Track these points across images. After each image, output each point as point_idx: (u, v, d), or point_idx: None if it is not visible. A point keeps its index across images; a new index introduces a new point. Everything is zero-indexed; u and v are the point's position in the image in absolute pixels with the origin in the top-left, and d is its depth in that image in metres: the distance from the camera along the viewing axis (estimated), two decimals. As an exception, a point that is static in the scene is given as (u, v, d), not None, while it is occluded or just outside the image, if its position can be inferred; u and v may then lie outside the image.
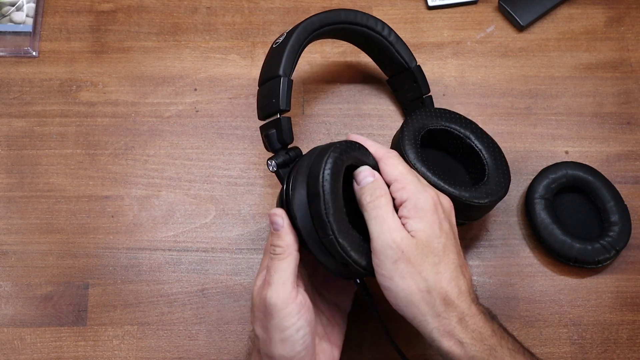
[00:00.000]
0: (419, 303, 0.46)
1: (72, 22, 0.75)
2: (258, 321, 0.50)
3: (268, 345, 0.48)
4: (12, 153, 0.70)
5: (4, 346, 0.63)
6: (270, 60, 0.56)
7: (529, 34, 0.75)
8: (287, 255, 0.48)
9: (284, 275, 0.48)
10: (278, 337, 0.47)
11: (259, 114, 0.56)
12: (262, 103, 0.55)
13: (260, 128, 0.56)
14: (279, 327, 0.47)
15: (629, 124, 0.71)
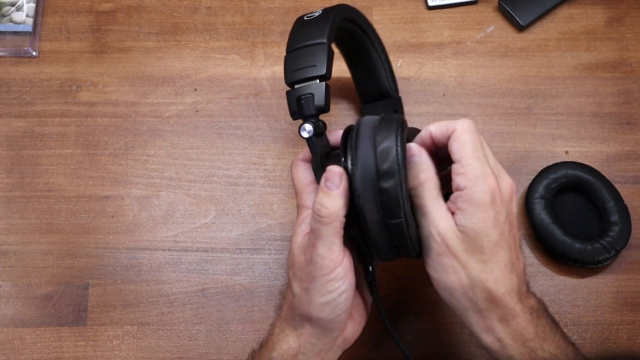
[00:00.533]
0: (460, 298, 0.45)
1: (72, 22, 0.75)
2: (297, 280, 0.47)
3: (306, 305, 0.47)
4: (12, 153, 0.70)
5: (4, 346, 0.63)
6: (308, 28, 0.51)
7: (529, 34, 0.75)
8: (333, 220, 0.44)
9: (329, 240, 0.45)
10: (320, 300, 0.46)
11: (288, 77, 0.49)
12: (297, 66, 0.49)
13: (289, 92, 0.49)
14: (321, 291, 0.45)
15: (629, 124, 0.71)
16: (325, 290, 0.45)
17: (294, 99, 0.48)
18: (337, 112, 0.71)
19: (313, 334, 0.48)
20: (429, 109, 0.71)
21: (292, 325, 0.49)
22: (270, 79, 0.72)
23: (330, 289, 0.45)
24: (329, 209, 0.44)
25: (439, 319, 0.64)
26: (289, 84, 0.49)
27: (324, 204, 0.44)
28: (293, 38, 0.51)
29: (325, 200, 0.44)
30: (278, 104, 0.71)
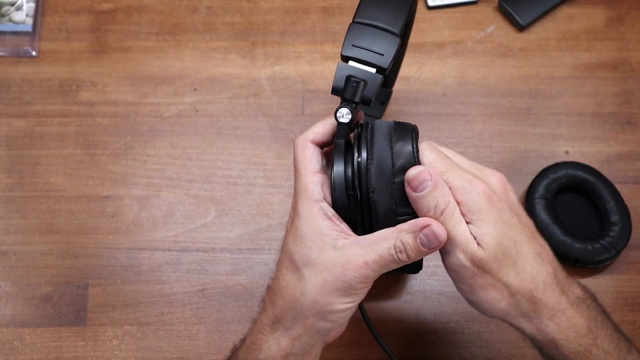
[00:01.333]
0: (506, 308, 0.44)
1: (72, 22, 0.75)
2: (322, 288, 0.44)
3: (325, 308, 0.44)
4: (12, 153, 0.69)
5: (4, 346, 0.63)
6: (385, 9, 0.48)
7: (529, 33, 0.75)
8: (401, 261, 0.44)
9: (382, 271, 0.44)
10: (344, 306, 0.44)
11: (347, 49, 0.47)
12: (361, 44, 0.47)
13: (341, 65, 0.47)
14: (352, 298, 0.44)
15: (629, 124, 0.71)
16: (354, 298, 0.44)
17: (344, 76, 0.46)
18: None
19: (310, 333, 0.45)
20: (429, 109, 0.71)
21: (285, 326, 0.46)
22: (270, 79, 0.72)
23: (359, 297, 0.45)
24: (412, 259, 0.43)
25: (439, 319, 0.64)
26: (346, 56, 0.46)
27: (411, 254, 0.43)
28: (367, 9, 0.48)
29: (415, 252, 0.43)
30: (278, 104, 0.71)
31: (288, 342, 0.45)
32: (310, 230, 0.44)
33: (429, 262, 0.65)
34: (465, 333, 0.63)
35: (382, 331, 0.63)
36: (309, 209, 0.44)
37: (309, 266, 0.44)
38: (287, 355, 0.46)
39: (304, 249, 0.44)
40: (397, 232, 0.43)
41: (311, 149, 0.46)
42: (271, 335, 0.46)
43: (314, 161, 0.46)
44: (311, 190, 0.45)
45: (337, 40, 0.74)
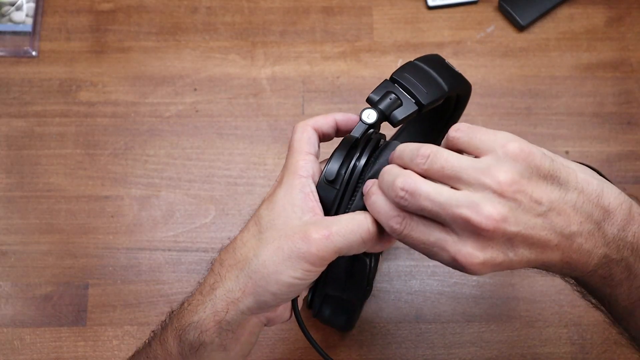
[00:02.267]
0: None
1: (72, 22, 0.75)
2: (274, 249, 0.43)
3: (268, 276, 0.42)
4: (12, 153, 0.69)
5: (4, 346, 0.62)
6: (446, 70, 0.51)
7: (529, 33, 0.75)
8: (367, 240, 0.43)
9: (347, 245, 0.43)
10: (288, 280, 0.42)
11: (399, 73, 0.48)
12: (415, 75, 0.48)
13: (387, 81, 0.48)
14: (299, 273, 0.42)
15: (630, 124, 0.71)
16: (301, 274, 0.42)
17: (385, 90, 0.48)
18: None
19: (248, 303, 0.43)
20: (429, 109, 0.71)
21: (228, 286, 0.44)
22: (270, 79, 0.72)
23: (307, 275, 0.42)
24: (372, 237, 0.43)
25: (439, 319, 0.64)
26: (394, 79, 0.48)
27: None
28: (434, 59, 0.51)
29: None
30: (278, 104, 0.71)
31: (223, 306, 0.43)
32: (285, 199, 0.44)
33: (429, 262, 0.65)
34: (465, 333, 0.63)
35: (381, 331, 0.63)
36: (292, 180, 0.45)
37: (271, 230, 0.43)
38: (220, 321, 0.43)
39: (273, 214, 0.44)
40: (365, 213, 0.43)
41: (310, 133, 0.47)
42: (209, 296, 0.44)
43: (310, 144, 0.47)
44: (301, 166, 0.45)
45: (337, 40, 0.74)
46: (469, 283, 0.65)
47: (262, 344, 0.62)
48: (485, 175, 0.38)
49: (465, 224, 0.37)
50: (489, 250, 0.38)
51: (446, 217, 0.38)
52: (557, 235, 0.39)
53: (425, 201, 0.39)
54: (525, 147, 0.39)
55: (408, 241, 0.40)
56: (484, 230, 0.37)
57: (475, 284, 0.65)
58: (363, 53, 0.73)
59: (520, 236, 0.38)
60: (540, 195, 0.38)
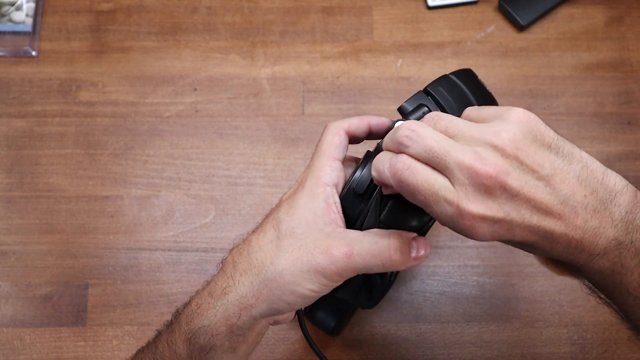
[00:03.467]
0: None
1: (72, 22, 0.75)
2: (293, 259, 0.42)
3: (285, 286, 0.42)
4: (12, 153, 0.69)
5: (4, 346, 0.62)
6: (487, 97, 0.51)
7: (529, 33, 0.75)
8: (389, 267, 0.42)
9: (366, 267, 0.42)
10: (304, 291, 0.42)
11: (434, 85, 0.48)
12: (450, 91, 0.48)
13: (421, 92, 0.47)
14: (316, 287, 0.43)
15: (630, 124, 0.71)
16: (319, 288, 0.42)
17: (418, 102, 0.47)
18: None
19: (260, 310, 0.43)
20: (429, 109, 0.71)
21: (241, 292, 0.43)
22: (270, 79, 0.72)
23: (325, 289, 0.43)
24: (401, 264, 0.42)
25: (439, 319, 0.64)
26: (428, 91, 0.47)
27: (404, 257, 0.41)
28: (467, 74, 0.50)
29: (406, 257, 0.41)
30: (278, 104, 0.71)
31: (236, 311, 0.43)
32: (306, 206, 0.43)
33: (429, 263, 0.65)
34: (465, 333, 0.63)
35: (381, 331, 0.63)
36: (315, 187, 0.44)
37: (290, 238, 0.43)
38: (232, 326, 0.43)
39: (293, 221, 0.43)
40: (391, 232, 0.42)
41: (342, 137, 0.46)
42: (220, 300, 0.43)
43: (340, 148, 0.46)
44: (327, 173, 0.44)
45: (337, 40, 0.74)
46: (469, 283, 0.65)
47: (262, 344, 0.62)
48: (488, 133, 0.38)
49: (468, 171, 0.37)
50: (489, 203, 0.37)
51: (450, 162, 0.37)
52: (560, 203, 0.38)
53: (432, 141, 0.38)
54: (531, 115, 0.39)
55: (410, 186, 0.39)
56: (487, 179, 0.36)
57: (475, 284, 0.65)
58: (363, 53, 0.73)
59: (522, 195, 0.37)
60: (543, 159, 0.38)
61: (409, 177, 0.38)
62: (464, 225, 0.37)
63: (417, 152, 0.39)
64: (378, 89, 0.72)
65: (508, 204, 0.37)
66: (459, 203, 0.37)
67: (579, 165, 0.39)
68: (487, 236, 0.38)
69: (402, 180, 0.39)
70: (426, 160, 0.38)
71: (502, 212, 0.37)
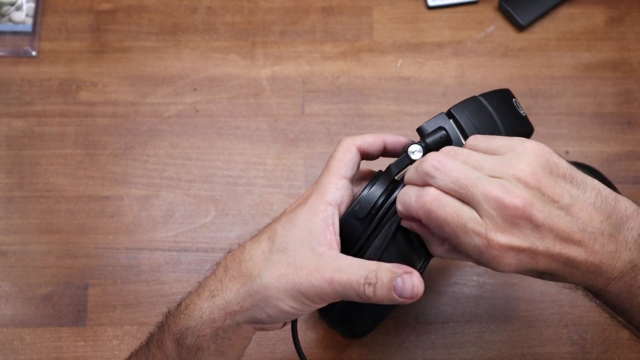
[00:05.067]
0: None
1: (72, 22, 0.75)
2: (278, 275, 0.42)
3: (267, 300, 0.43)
4: (12, 153, 0.69)
5: (4, 346, 0.62)
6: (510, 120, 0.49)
7: (529, 33, 0.75)
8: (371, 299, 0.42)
9: (348, 293, 0.42)
10: (285, 307, 0.43)
11: (458, 109, 0.46)
12: (474, 116, 0.46)
13: (442, 115, 0.46)
14: (297, 305, 0.43)
15: (630, 123, 0.71)
16: (300, 307, 0.43)
17: (438, 125, 0.46)
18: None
19: (244, 317, 0.43)
20: (429, 109, 0.71)
21: (227, 297, 0.44)
22: (270, 79, 0.72)
23: (305, 308, 0.43)
24: (379, 300, 0.41)
25: (439, 319, 0.64)
26: (451, 114, 0.46)
27: (382, 294, 0.41)
28: (501, 95, 0.48)
29: (385, 293, 0.41)
30: (278, 104, 0.71)
31: (221, 315, 0.43)
32: (304, 223, 0.43)
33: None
34: (465, 333, 0.63)
35: (381, 331, 0.63)
36: (318, 204, 0.44)
37: (281, 253, 0.43)
38: (216, 329, 0.44)
39: (288, 236, 0.43)
40: (377, 265, 0.42)
41: (353, 154, 0.46)
42: (207, 302, 0.44)
43: (349, 166, 0.45)
44: (331, 191, 0.44)
45: (337, 40, 0.74)
46: (469, 283, 0.65)
47: (262, 344, 0.62)
48: (508, 166, 0.39)
49: (496, 203, 0.37)
50: (516, 233, 0.38)
51: (477, 194, 0.38)
52: (580, 230, 0.39)
53: (459, 172, 0.39)
54: (544, 147, 0.40)
55: (440, 218, 0.39)
56: (515, 210, 0.37)
57: (475, 284, 0.65)
58: (363, 53, 0.73)
59: (546, 225, 0.38)
60: (562, 189, 0.39)
61: (438, 209, 0.39)
62: (492, 256, 0.38)
63: (445, 184, 0.39)
64: (378, 89, 0.72)
65: (533, 234, 0.38)
66: (487, 234, 0.38)
67: (593, 193, 0.40)
68: (512, 266, 0.39)
69: (431, 212, 0.39)
70: (453, 192, 0.39)
71: (528, 242, 0.38)
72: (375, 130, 0.70)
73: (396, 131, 0.70)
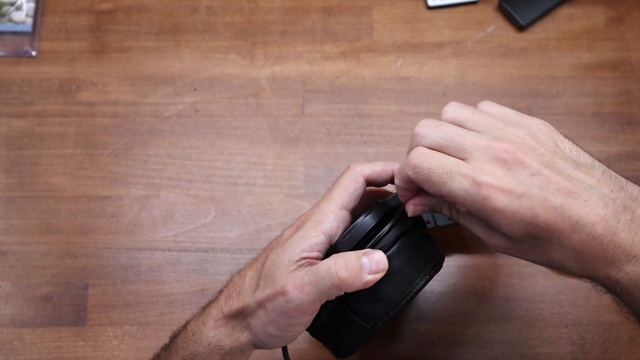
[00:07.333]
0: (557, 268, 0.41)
1: (72, 22, 0.75)
2: (261, 299, 0.43)
3: (257, 326, 0.44)
4: (12, 153, 0.69)
5: (4, 346, 0.62)
6: None
7: (529, 33, 0.75)
8: (342, 285, 0.41)
9: (323, 297, 0.42)
10: (274, 332, 0.43)
11: None
12: None
13: None
14: (280, 326, 0.43)
15: (630, 124, 0.71)
16: (283, 328, 0.43)
17: None
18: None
19: (248, 344, 0.45)
20: (429, 109, 0.71)
21: (231, 326, 0.45)
22: (270, 79, 0.72)
23: (289, 329, 0.44)
24: (349, 280, 0.41)
25: (439, 319, 0.64)
26: None
27: (350, 272, 0.41)
28: None
29: (354, 272, 0.41)
30: (278, 104, 0.71)
31: (228, 342, 0.45)
32: (292, 247, 0.43)
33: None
34: (465, 333, 0.63)
35: (382, 331, 0.63)
36: (311, 231, 0.44)
37: (267, 278, 0.43)
38: (224, 355, 0.45)
39: (277, 261, 0.43)
40: (339, 254, 0.42)
41: (359, 184, 0.46)
42: (213, 330, 0.45)
43: (352, 197, 0.45)
44: (329, 220, 0.44)
45: (337, 40, 0.74)
46: (469, 283, 0.65)
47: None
48: (514, 126, 0.40)
49: (485, 149, 0.37)
50: (507, 177, 0.36)
51: (466, 144, 0.38)
52: (586, 189, 0.36)
53: (448, 127, 0.40)
54: (552, 127, 0.41)
55: (425, 169, 0.39)
56: (504, 152, 0.37)
57: (475, 284, 0.65)
58: (363, 53, 0.73)
59: (543, 174, 0.36)
60: (564, 156, 0.38)
61: (423, 162, 0.39)
62: (483, 197, 0.36)
63: (432, 140, 0.40)
64: (378, 89, 0.72)
65: (528, 180, 0.36)
66: (474, 175, 0.37)
67: (602, 167, 0.39)
68: (507, 214, 0.36)
69: (417, 166, 0.39)
70: (441, 147, 0.39)
71: (523, 185, 0.36)
72: (375, 130, 0.70)
73: (396, 131, 0.70)
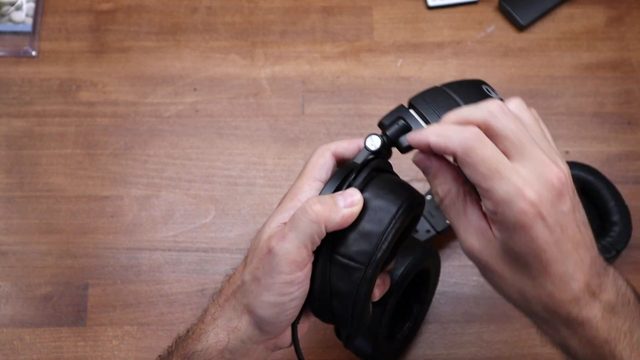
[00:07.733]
0: (519, 307, 0.42)
1: (72, 22, 0.75)
2: (251, 267, 0.43)
3: (252, 298, 0.43)
4: (12, 153, 0.69)
5: (4, 346, 0.62)
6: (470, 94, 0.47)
7: (530, 33, 0.75)
8: (322, 223, 0.40)
9: (304, 238, 0.40)
10: (269, 298, 0.42)
11: (417, 99, 0.46)
12: (434, 102, 0.45)
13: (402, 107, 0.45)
14: (274, 290, 0.42)
15: (630, 123, 0.71)
16: (278, 291, 0.42)
17: (397, 116, 0.45)
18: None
19: (247, 331, 0.44)
20: (429, 109, 0.71)
21: (227, 315, 0.45)
22: (270, 79, 0.72)
23: (283, 291, 0.42)
24: (325, 213, 0.40)
25: (439, 319, 0.63)
26: (411, 105, 0.45)
27: (324, 205, 0.41)
28: (467, 84, 0.47)
29: (328, 205, 0.41)
30: (278, 103, 0.71)
31: (225, 335, 0.44)
32: (271, 220, 0.44)
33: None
34: (465, 333, 0.63)
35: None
36: (288, 202, 0.44)
37: (251, 252, 0.44)
38: (222, 349, 0.44)
39: (257, 237, 0.44)
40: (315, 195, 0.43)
41: (327, 159, 0.46)
42: (211, 325, 0.45)
43: (323, 169, 0.46)
44: (304, 191, 0.44)
45: (337, 40, 0.74)
46: (469, 283, 0.65)
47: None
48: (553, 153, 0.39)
49: (543, 164, 0.37)
50: (548, 204, 0.37)
51: (527, 149, 0.38)
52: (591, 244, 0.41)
53: (520, 125, 0.39)
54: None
55: (478, 156, 0.38)
56: (557, 180, 0.37)
57: (475, 284, 0.65)
58: (363, 53, 0.73)
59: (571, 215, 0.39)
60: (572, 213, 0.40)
61: (480, 148, 0.38)
62: (520, 210, 0.37)
63: (504, 126, 0.38)
64: (378, 88, 0.72)
65: (559, 217, 0.38)
66: (523, 187, 0.37)
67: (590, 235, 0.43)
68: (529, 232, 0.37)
69: (472, 148, 0.38)
70: (504, 138, 0.38)
71: (554, 219, 0.37)
72: (375, 130, 0.70)
73: (396, 131, 0.70)
